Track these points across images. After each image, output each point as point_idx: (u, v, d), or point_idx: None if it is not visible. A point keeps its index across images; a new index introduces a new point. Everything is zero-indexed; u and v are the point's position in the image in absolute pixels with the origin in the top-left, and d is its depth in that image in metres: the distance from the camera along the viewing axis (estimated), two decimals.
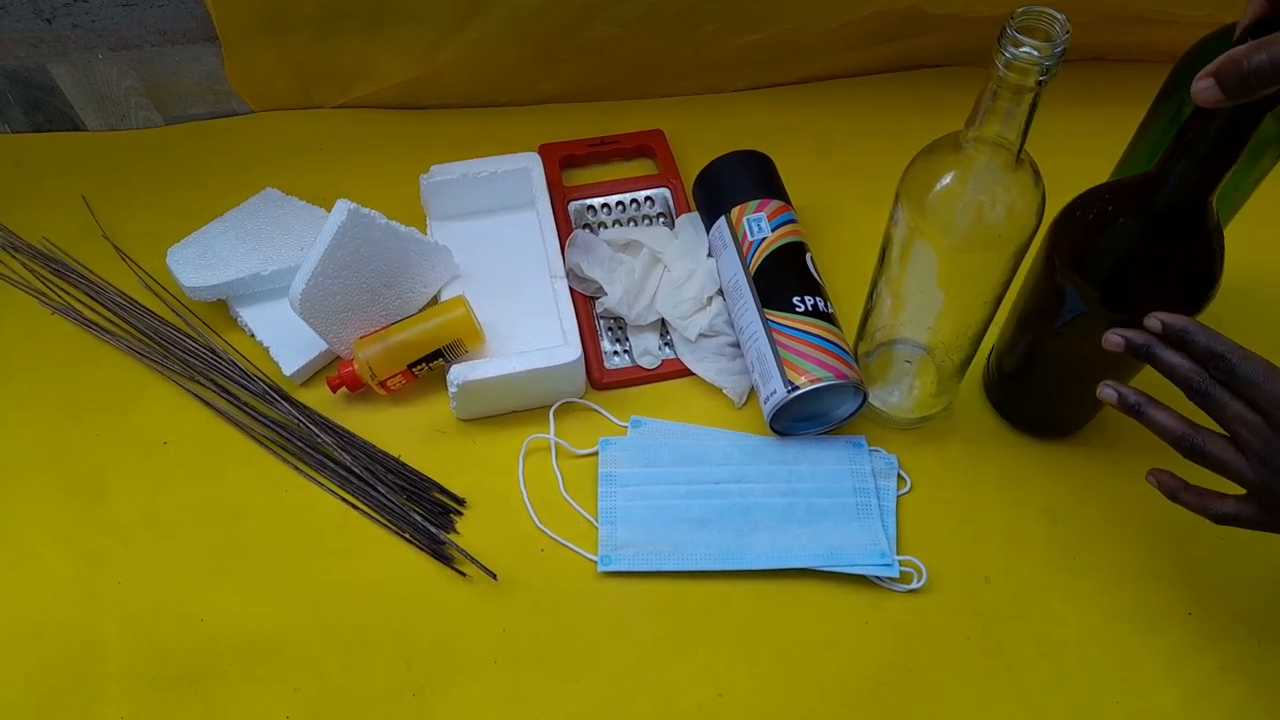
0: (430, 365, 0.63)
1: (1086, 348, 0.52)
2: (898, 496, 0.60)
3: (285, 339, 0.66)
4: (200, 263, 0.67)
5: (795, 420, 0.62)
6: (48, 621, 0.56)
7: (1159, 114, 0.57)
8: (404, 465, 0.62)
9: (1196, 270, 0.49)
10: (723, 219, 0.67)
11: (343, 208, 0.59)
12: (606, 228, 0.75)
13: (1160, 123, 0.57)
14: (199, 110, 0.83)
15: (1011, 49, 0.41)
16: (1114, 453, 0.62)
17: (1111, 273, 0.50)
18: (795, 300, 0.61)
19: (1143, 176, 0.48)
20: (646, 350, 0.67)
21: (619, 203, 0.76)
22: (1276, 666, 0.54)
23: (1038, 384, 0.61)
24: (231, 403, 0.65)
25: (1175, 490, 0.49)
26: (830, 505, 0.59)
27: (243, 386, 0.65)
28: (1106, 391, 0.48)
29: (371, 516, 0.60)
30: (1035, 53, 0.40)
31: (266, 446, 0.63)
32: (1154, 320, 0.46)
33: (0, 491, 0.62)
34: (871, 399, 0.62)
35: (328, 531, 0.60)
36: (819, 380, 0.57)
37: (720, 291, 0.67)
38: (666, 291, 0.68)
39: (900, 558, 0.57)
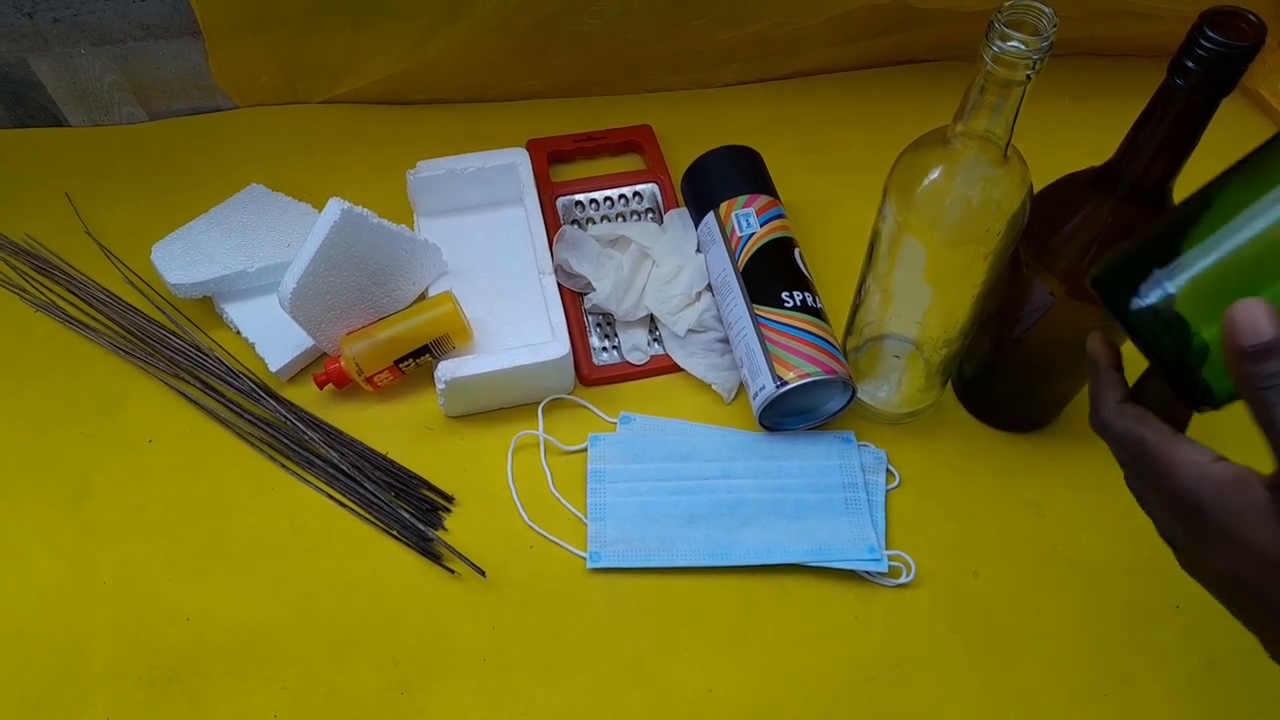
0: (417, 361, 0.63)
1: (1053, 342, 0.52)
2: (886, 491, 0.60)
3: (271, 335, 0.65)
4: (185, 259, 0.67)
5: (784, 415, 0.62)
6: (33, 621, 0.56)
7: None
8: (392, 462, 0.62)
9: None
10: (711, 214, 0.67)
11: (335, 207, 0.58)
12: (595, 223, 0.75)
13: None
14: (183, 105, 0.82)
15: (999, 43, 0.41)
16: (1103, 445, 0.62)
17: (1077, 261, 0.50)
18: (784, 295, 0.61)
19: (1105, 165, 0.48)
20: (635, 346, 0.66)
21: (607, 198, 0.75)
22: (1263, 660, 0.54)
23: (1005, 382, 0.61)
24: (217, 400, 0.64)
25: None
26: (819, 500, 0.59)
27: (229, 384, 0.65)
28: None
29: (359, 514, 0.60)
30: (1022, 46, 0.40)
31: (253, 444, 0.63)
32: None
33: None
34: (860, 394, 0.62)
35: (315, 529, 0.59)
36: (808, 375, 0.57)
37: (709, 287, 0.67)
38: (655, 287, 0.67)
39: (889, 552, 0.57)
